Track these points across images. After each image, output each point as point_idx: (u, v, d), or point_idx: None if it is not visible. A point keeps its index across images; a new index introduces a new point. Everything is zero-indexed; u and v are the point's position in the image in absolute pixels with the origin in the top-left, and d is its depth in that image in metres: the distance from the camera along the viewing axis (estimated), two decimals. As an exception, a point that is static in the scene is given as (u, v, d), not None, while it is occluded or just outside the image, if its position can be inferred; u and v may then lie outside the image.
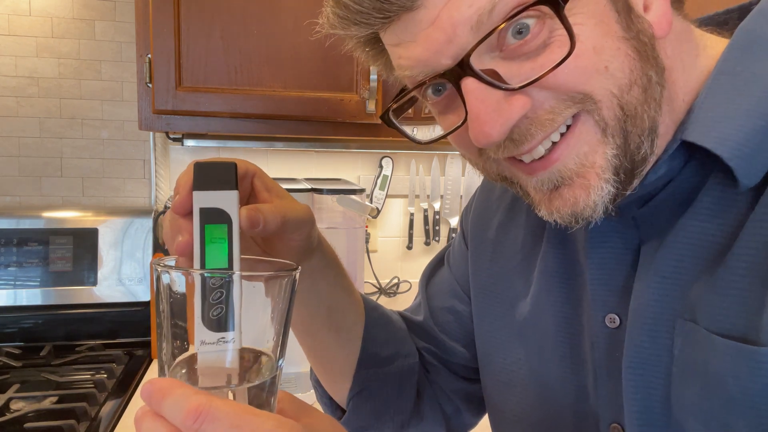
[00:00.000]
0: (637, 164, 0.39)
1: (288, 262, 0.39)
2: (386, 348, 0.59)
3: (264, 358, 0.36)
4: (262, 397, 0.34)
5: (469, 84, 0.36)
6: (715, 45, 0.42)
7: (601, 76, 0.36)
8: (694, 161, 0.40)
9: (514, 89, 0.36)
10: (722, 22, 0.46)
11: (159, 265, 0.34)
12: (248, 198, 0.45)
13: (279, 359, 0.36)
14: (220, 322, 0.34)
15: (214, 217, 0.38)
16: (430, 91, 0.41)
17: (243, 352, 0.35)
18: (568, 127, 0.38)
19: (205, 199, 0.38)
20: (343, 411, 0.60)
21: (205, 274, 0.36)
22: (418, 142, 0.45)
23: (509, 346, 0.54)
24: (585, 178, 0.38)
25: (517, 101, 0.36)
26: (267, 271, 0.38)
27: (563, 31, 0.35)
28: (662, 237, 0.41)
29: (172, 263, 0.38)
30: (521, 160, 0.40)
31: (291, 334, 0.43)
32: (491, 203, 0.60)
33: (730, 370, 0.35)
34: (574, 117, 0.37)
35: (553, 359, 0.49)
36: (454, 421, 0.64)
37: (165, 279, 0.34)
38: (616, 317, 0.44)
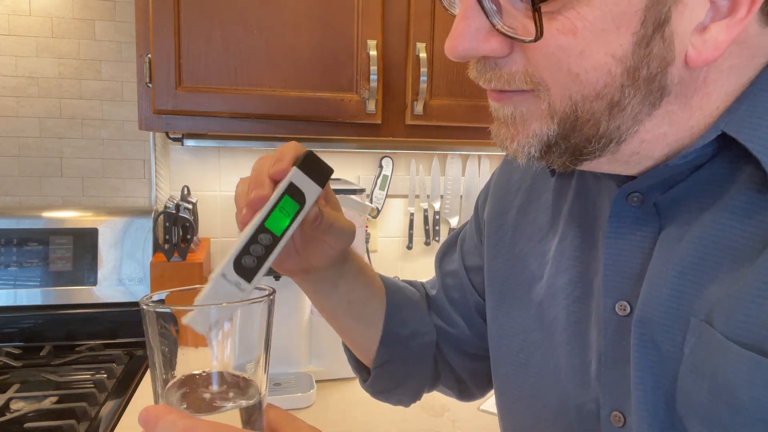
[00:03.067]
0: (584, 153, 0.39)
1: (264, 286, 0.42)
2: (406, 328, 0.65)
3: (250, 382, 0.38)
4: (249, 418, 0.37)
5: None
6: None
7: (569, 79, 0.36)
8: (728, 152, 0.38)
9: (497, 29, 0.36)
10: None
11: (148, 303, 0.37)
12: None
13: (263, 383, 0.39)
14: (247, 271, 0.40)
15: (296, 195, 0.45)
16: None
17: (229, 378, 0.38)
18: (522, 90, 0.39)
19: (299, 179, 0.45)
20: (367, 371, 0.67)
21: (221, 274, 0.41)
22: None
23: (529, 328, 0.54)
24: (516, 128, 0.40)
25: (493, 42, 0.37)
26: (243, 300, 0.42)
27: (574, 14, 0.34)
28: (684, 229, 0.40)
29: (160, 297, 0.40)
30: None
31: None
32: (511, 186, 0.60)
33: (744, 380, 0.34)
34: (529, 90, 0.38)
35: (561, 343, 0.50)
36: (463, 389, 0.70)
37: (153, 315, 0.37)
38: (627, 305, 0.43)
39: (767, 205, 0.36)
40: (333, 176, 0.49)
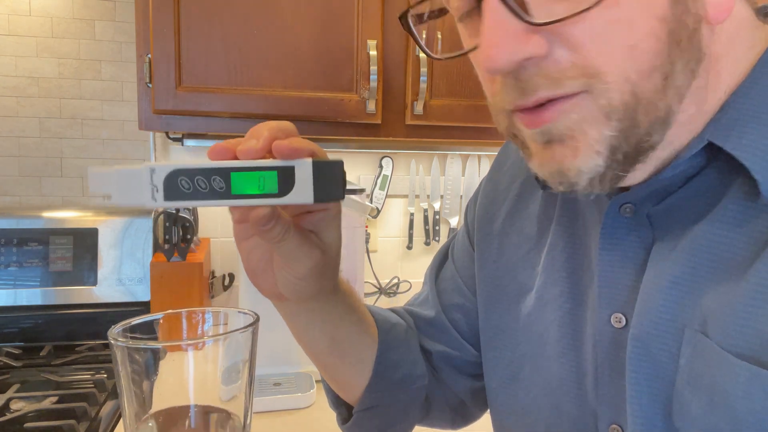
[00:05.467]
0: (642, 150, 0.36)
1: (248, 311, 0.39)
2: (397, 372, 0.59)
3: (231, 416, 0.36)
4: None
5: (490, 3, 0.34)
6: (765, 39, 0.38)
7: (624, 54, 0.33)
8: (717, 162, 0.38)
9: (535, 24, 0.33)
10: None
11: (116, 338, 0.35)
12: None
13: (247, 415, 0.37)
14: (172, 191, 0.35)
15: (285, 180, 0.37)
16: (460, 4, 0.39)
17: (209, 412, 0.36)
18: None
19: (304, 171, 0.37)
20: (348, 410, 0.61)
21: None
22: (432, 57, 0.42)
23: (516, 340, 0.54)
24: (575, 140, 0.36)
25: (535, 40, 0.34)
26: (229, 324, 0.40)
27: None
28: (677, 240, 0.39)
29: (127, 327, 0.38)
30: (525, 112, 0.37)
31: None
32: (498, 194, 0.59)
33: (742, 392, 0.34)
34: (580, 92, 0.35)
35: (553, 355, 0.49)
36: (459, 414, 0.65)
37: (123, 349, 0.35)
38: (622, 317, 0.43)
39: (758, 213, 0.36)
40: None
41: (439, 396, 0.63)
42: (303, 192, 0.37)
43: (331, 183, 0.38)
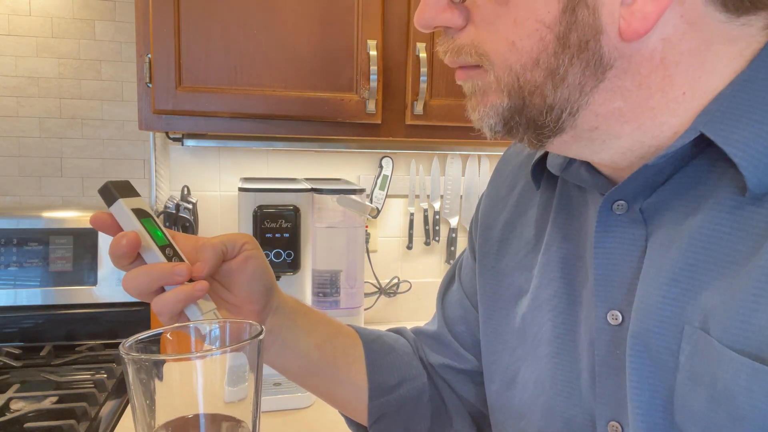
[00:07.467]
0: (544, 125, 0.40)
1: (253, 322, 0.40)
2: (393, 375, 0.63)
3: (240, 424, 0.37)
4: None
5: None
6: (742, 33, 0.38)
7: (507, 48, 0.39)
8: (708, 153, 0.38)
9: (456, 2, 0.41)
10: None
11: (127, 352, 0.36)
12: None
13: (256, 425, 0.38)
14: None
15: (141, 214, 0.48)
16: None
17: (219, 421, 0.36)
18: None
19: (125, 203, 0.48)
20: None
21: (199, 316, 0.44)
22: None
23: (513, 344, 0.54)
24: (477, 99, 0.43)
25: (451, 13, 0.41)
26: (234, 335, 0.41)
27: None
28: (672, 235, 0.39)
29: (140, 338, 0.39)
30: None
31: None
32: (497, 203, 0.60)
33: (743, 388, 0.34)
34: (477, 66, 0.41)
35: (547, 355, 0.49)
36: (485, 425, 0.66)
37: (133, 362, 0.35)
38: (619, 314, 0.43)
39: (753, 208, 0.36)
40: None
41: (456, 404, 0.65)
42: (140, 202, 0.50)
43: (121, 188, 0.50)
